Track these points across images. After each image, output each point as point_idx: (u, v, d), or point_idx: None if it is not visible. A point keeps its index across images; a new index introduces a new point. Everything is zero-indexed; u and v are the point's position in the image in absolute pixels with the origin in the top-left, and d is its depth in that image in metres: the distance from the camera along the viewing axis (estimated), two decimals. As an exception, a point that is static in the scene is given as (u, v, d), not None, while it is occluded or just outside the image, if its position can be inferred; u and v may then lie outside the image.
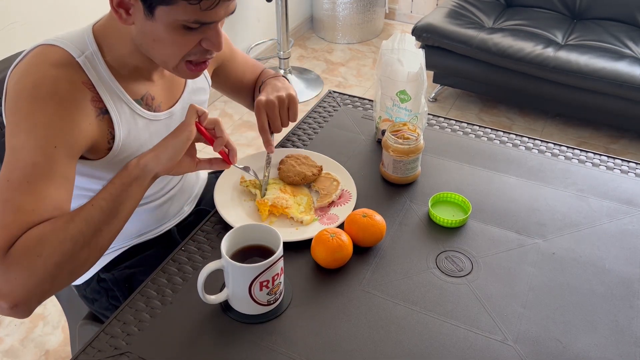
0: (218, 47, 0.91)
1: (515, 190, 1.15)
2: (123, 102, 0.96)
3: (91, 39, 0.93)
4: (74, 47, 0.91)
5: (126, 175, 0.90)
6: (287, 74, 3.26)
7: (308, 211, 1.09)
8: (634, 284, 0.95)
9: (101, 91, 0.93)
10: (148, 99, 1.01)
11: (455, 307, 0.91)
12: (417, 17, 3.82)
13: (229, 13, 0.89)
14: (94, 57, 0.93)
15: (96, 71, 0.93)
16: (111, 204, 0.87)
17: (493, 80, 2.80)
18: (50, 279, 0.81)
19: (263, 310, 0.89)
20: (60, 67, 0.89)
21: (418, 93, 1.17)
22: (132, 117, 0.98)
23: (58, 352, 1.79)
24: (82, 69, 0.91)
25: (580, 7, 2.96)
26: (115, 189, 0.88)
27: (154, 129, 1.03)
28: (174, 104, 1.07)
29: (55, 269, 0.81)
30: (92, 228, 0.85)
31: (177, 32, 0.87)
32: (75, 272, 0.85)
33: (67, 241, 0.82)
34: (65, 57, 0.90)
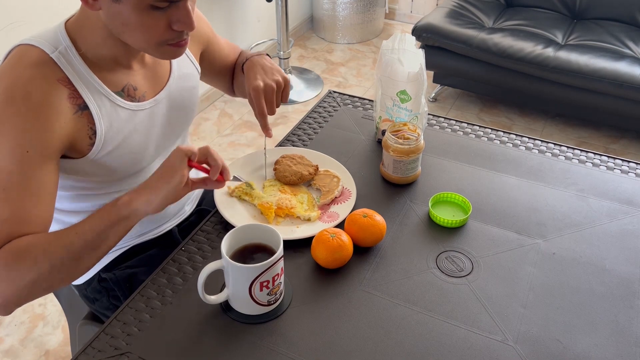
0: (190, 25, 0.89)
1: (515, 190, 1.15)
2: (102, 94, 0.95)
3: (64, 34, 0.93)
4: (47, 44, 0.91)
5: (115, 213, 0.87)
6: (287, 74, 3.26)
7: (312, 208, 1.09)
8: (634, 284, 0.95)
9: (79, 86, 0.92)
10: (129, 90, 0.99)
11: (455, 307, 0.91)
12: (417, 17, 3.82)
13: None
14: (67, 51, 0.92)
15: (71, 66, 0.92)
16: (95, 238, 0.86)
17: (493, 80, 2.80)
18: (26, 291, 0.84)
19: (263, 311, 0.89)
20: (35, 67, 0.88)
21: (418, 93, 1.17)
22: (113, 110, 0.96)
23: (58, 352, 1.79)
24: (57, 65, 0.90)
25: (580, 7, 2.96)
26: (102, 225, 0.87)
27: (138, 120, 1.01)
28: (159, 92, 1.05)
29: (31, 283, 0.84)
30: (72, 256, 0.85)
31: (144, 14, 0.85)
32: (49, 289, 0.88)
33: (44, 262, 0.84)
34: (40, 56, 0.89)
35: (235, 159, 1.24)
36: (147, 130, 1.03)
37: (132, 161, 1.02)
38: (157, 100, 1.04)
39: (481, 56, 2.71)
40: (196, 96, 1.16)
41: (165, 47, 0.92)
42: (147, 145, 1.04)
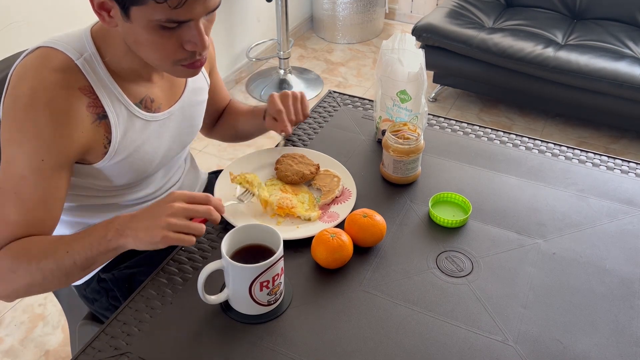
0: (201, 45, 0.88)
1: (516, 190, 1.15)
2: (122, 104, 0.96)
3: (89, 41, 0.93)
4: (72, 50, 0.91)
5: (104, 245, 0.87)
6: (287, 74, 3.26)
7: (312, 208, 1.09)
8: (634, 284, 0.95)
9: (100, 94, 0.93)
10: (147, 101, 1.01)
11: (455, 307, 0.91)
12: (417, 17, 3.82)
13: (209, 10, 0.85)
14: (92, 59, 0.92)
15: (95, 73, 0.92)
16: (84, 261, 0.88)
17: (493, 80, 2.80)
18: (23, 291, 0.90)
19: (263, 311, 0.89)
20: (59, 72, 0.89)
21: (418, 93, 1.17)
22: (129, 119, 0.98)
23: (58, 352, 1.79)
24: (81, 72, 0.90)
25: (580, 7, 2.96)
26: (92, 252, 0.87)
27: (150, 130, 1.02)
28: (173, 104, 1.07)
29: (27, 286, 0.89)
30: (62, 272, 0.88)
31: (155, 33, 0.85)
32: (46, 291, 0.94)
33: (38, 272, 0.87)
34: (65, 61, 0.90)
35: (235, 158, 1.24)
36: (157, 141, 1.04)
37: (138, 170, 1.04)
38: (171, 112, 1.06)
39: (481, 56, 2.71)
40: (204, 109, 1.19)
41: (179, 67, 0.92)
42: (155, 155, 1.05)
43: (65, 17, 2.11)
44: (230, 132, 1.35)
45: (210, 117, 1.32)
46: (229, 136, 1.37)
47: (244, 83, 3.27)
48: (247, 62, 3.31)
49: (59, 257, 0.87)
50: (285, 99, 1.19)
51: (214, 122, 1.35)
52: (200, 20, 0.86)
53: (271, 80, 3.24)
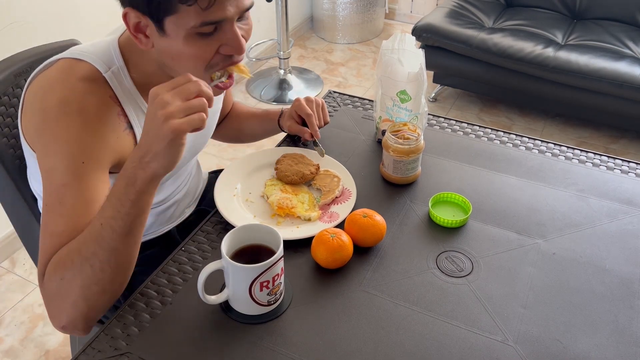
0: (238, 49, 0.87)
1: (516, 190, 1.15)
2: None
3: (117, 54, 0.92)
4: (100, 62, 0.90)
5: (132, 192, 0.81)
6: (287, 74, 3.26)
7: (312, 208, 1.09)
8: (634, 284, 0.95)
9: (126, 106, 0.93)
10: None
11: (455, 307, 0.91)
12: (417, 17, 3.82)
13: (242, 9, 0.84)
14: (120, 72, 0.92)
15: (122, 86, 0.92)
16: (122, 223, 0.81)
17: (493, 80, 2.80)
18: (81, 300, 0.82)
19: (263, 311, 0.89)
20: (88, 82, 0.88)
21: (418, 93, 1.17)
22: None
23: (58, 352, 1.79)
24: (108, 83, 0.90)
25: (580, 7, 2.96)
26: (124, 207, 0.81)
27: None
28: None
29: (81, 289, 0.82)
30: (106, 249, 0.81)
31: (193, 42, 0.84)
32: (106, 293, 0.84)
33: (83, 264, 0.81)
34: (92, 72, 0.89)
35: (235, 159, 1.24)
36: None
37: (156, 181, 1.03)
38: None
39: (481, 56, 2.71)
40: (217, 118, 1.19)
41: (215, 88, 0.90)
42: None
43: (65, 17, 2.11)
44: (234, 134, 1.36)
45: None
46: (231, 138, 1.37)
47: (244, 83, 3.27)
48: (247, 62, 3.31)
49: (95, 233, 0.81)
50: (311, 103, 1.22)
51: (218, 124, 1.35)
52: (234, 22, 0.86)
53: (271, 80, 3.24)
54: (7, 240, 2.11)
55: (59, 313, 0.83)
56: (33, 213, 1.13)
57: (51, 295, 0.83)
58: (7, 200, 1.16)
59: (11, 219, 1.20)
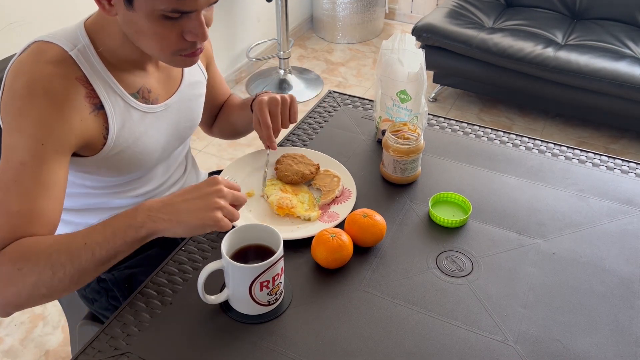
0: (202, 36, 0.89)
1: (516, 190, 1.15)
2: (117, 95, 0.96)
3: (83, 33, 0.93)
4: (66, 42, 0.91)
5: (132, 235, 0.82)
6: (287, 74, 3.26)
7: (312, 208, 1.09)
8: (634, 284, 0.95)
9: (95, 85, 0.93)
10: (144, 92, 1.01)
11: (455, 307, 0.91)
12: (417, 17, 3.82)
13: (211, 1, 0.87)
14: (86, 50, 0.92)
15: (89, 64, 0.92)
16: (104, 253, 0.82)
17: (493, 80, 2.80)
18: (25, 293, 0.81)
19: (263, 311, 0.89)
20: (55, 64, 0.89)
21: (418, 93, 1.17)
22: (126, 110, 0.97)
23: (58, 352, 1.79)
24: (76, 63, 0.91)
25: (580, 7, 2.96)
26: (115, 243, 0.82)
27: (149, 121, 1.02)
28: (171, 96, 1.07)
29: (32, 287, 0.81)
30: (77, 268, 0.81)
31: (157, 23, 0.85)
32: (50, 297, 0.84)
33: (47, 268, 0.80)
34: (59, 53, 0.90)
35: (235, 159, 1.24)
36: (156, 134, 1.04)
37: (139, 163, 1.03)
38: (168, 104, 1.06)
39: (481, 56, 2.71)
40: (202, 104, 1.18)
41: (178, 57, 0.92)
42: (155, 148, 1.05)
43: (65, 17, 2.11)
44: (228, 127, 1.33)
45: (210, 113, 1.32)
46: (228, 132, 1.35)
47: (244, 83, 3.27)
48: (247, 62, 3.31)
49: (73, 248, 0.81)
50: (275, 106, 1.12)
51: (213, 118, 1.34)
52: (201, 11, 0.87)
53: (271, 80, 3.24)
54: None
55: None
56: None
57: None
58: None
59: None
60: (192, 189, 0.85)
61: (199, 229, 0.83)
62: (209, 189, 0.84)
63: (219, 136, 1.38)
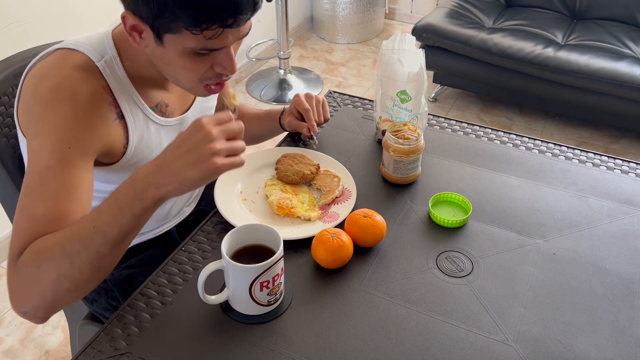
0: (231, 70, 0.90)
1: (516, 190, 1.15)
2: (138, 108, 0.97)
3: (111, 45, 0.93)
4: (93, 52, 0.91)
5: (138, 207, 0.80)
6: (287, 74, 3.26)
7: (312, 208, 1.09)
8: (635, 284, 0.95)
9: (118, 96, 0.93)
10: (162, 106, 1.02)
11: (455, 307, 0.91)
12: (417, 17, 3.82)
13: (240, 37, 0.87)
14: (113, 62, 0.93)
15: (114, 76, 0.93)
16: (116, 232, 0.80)
17: (493, 80, 2.80)
18: (51, 292, 0.80)
19: (263, 311, 0.89)
20: (81, 70, 0.89)
21: (418, 93, 1.17)
22: (145, 123, 0.99)
23: (58, 352, 1.79)
24: (101, 73, 0.91)
25: (580, 7, 2.96)
26: (124, 218, 0.80)
27: (164, 134, 1.03)
28: (186, 111, 1.08)
29: (55, 284, 0.80)
30: (92, 252, 0.80)
31: (187, 58, 0.86)
32: (77, 291, 0.83)
33: (64, 260, 0.79)
34: (86, 61, 0.90)
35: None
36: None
37: None
38: (184, 118, 1.07)
39: (481, 56, 2.71)
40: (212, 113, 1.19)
41: (203, 86, 0.92)
42: None
43: (65, 17, 2.11)
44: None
45: None
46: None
47: (244, 83, 3.27)
48: (247, 62, 3.31)
49: (84, 234, 0.80)
50: (311, 100, 1.24)
51: None
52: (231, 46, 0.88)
53: (271, 80, 3.24)
54: (7, 241, 2.11)
55: (24, 299, 0.81)
56: (33, 213, 1.13)
57: (22, 279, 0.81)
58: (7, 200, 1.16)
59: (11, 219, 1.20)
60: (181, 141, 0.81)
61: (204, 180, 0.80)
62: (198, 136, 0.79)
63: None
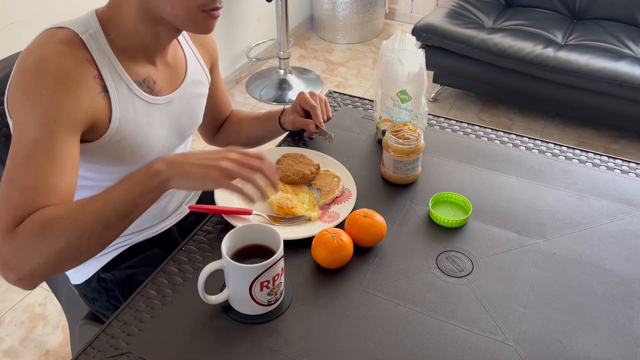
0: None
1: (516, 190, 1.15)
2: (122, 81, 0.97)
3: (95, 19, 0.96)
4: (77, 26, 0.93)
5: (147, 183, 0.86)
6: (287, 74, 3.26)
7: (312, 208, 1.09)
8: (635, 284, 0.95)
9: (102, 69, 0.94)
10: (149, 82, 1.02)
11: (455, 307, 0.91)
12: (417, 17, 3.82)
13: None
14: (96, 35, 0.94)
15: (99, 49, 0.94)
16: (125, 206, 0.85)
17: (493, 80, 2.80)
18: (53, 261, 0.83)
19: (263, 311, 0.89)
20: (65, 44, 0.90)
21: (418, 93, 1.17)
22: (130, 98, 0.98)
23: (58, 352, 1.79)
24: (85, 46, 0.92)
25: (580, 7, 2.97)
26: (134, 193, 0.86)
27: (151, 112, 1.03)
28: (174, 90, 1.08)
29: (59, 252, 0.83)
30: (102, 225, 0.84)
31: None
32: (79, 259, 0.87)
33: (73, 230, 0.83)
34: (70, 35, 0.92)
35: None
36: (158, 126, 1.05)
37: (138, 155, 1.03)
38: (171, 98, 1.07)
39: (481, 56, 2.71)
40: (204, 104, 1.20)
41: (201, 15, 0.94)
42: (155, 142, 1.06)
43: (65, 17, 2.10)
44: (233, 139, 1.36)
45: (212, 122, 1.34)
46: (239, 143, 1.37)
47: (244, 83, 3.27)
48: (247, 62, 3.31)
49: (96, 207, 0.84)
50: (315, 97, 1.25)
51: (216, 129, 1.37)
52: None
53: (271, 80, 3.24)
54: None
55: (21, 265, 0.82)
56: (33, 213, 1.13)
57: (22, 248, 0.82)
58: (7, 200, 1.16)
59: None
60: (206, 150, 0.90)
61: (200, 181, 0.86)
62: (215, 153, 0.88)
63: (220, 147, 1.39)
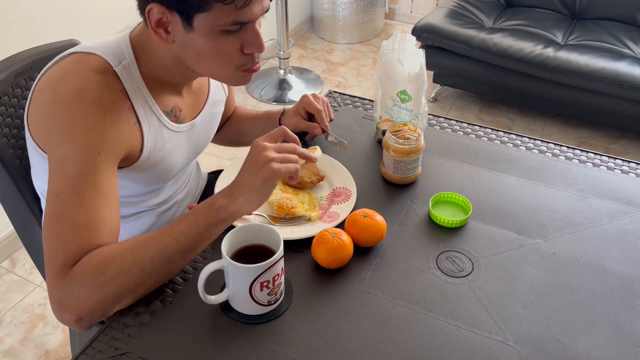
0: (260, 47, 0.90)
1: (516, 190, 1.15)
2: (153, 113, 0.97)
3: (129, 49, 0.93)
4: (111, 56, 0.91)
5: (212, 217, 0.87)
6: (287, 74, 3.26)
7: (312, 208, 1.09)
8: (635, 284, 0.95)
9: (134, 101, 0.93)
10: (176, 110, 1.02)
11: (455, 307, 0.91)
12: (417, 17, 3.82)
13: (264, 10, 0.88)
14: (130, 67, 0.92)
15: (132, 81, 0.92)
16: (189, 241, 0.86)
17: (493, 80, 2.80)
18: (112, 298, 0.83)
19: (263, 311, 0.89)
20: (101, 74, 0.88)
21: (418, 93, 1.17)
22: (159, 129, 0.98)
23: (58, 352, 1.79)
24: (118, 77, 0.90)
25: (580, 7, 2.97)
26: (199, 228, 0.86)
27: (176, 140, 1.04)
28: (195, 116, 1.08)
29: (119, 289, 0.83)
30: (164, 259, 0.85)
31: (217, 39, 0.86)
32: (138, 296, 0.87)
33: (134, 265, 0.83)
34: (104, 65, 0.89)
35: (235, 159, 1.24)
36: (179, 151, 1.06)
37: (159, 178, 1.04)
38: (194, 124, 1.08)
39: (481, 56, 2.72)
40: (219, 120, 1.20)
41: (239, 73, 0.93)
42: (175, 164, 1.06)
43: (65, 17, 2.11)
44: (234, 137, 1.36)
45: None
46: (232, 141, 1.38)
47: (244, 83, 3.27)
48: (247, 62, 3.31)
49: (159, 241, 0.84)
50: (318, 100, 1.24)
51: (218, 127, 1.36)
52: (256, 23, 0.89)
53: (271, 80, 3.24)
54: (7, 240, 2.11)
55: (80, 305, 0.81)
56: (33, 213, 1.13)
57: (79, 286, 0.81)
58: (8, 200, 1.16)
59: (11, 219, 1.20)
60: (245, 161, 0.91)
61: (265, 183, 0.88)
62: (255, 151, 0.90)
63: (220, 143, 1.39)
